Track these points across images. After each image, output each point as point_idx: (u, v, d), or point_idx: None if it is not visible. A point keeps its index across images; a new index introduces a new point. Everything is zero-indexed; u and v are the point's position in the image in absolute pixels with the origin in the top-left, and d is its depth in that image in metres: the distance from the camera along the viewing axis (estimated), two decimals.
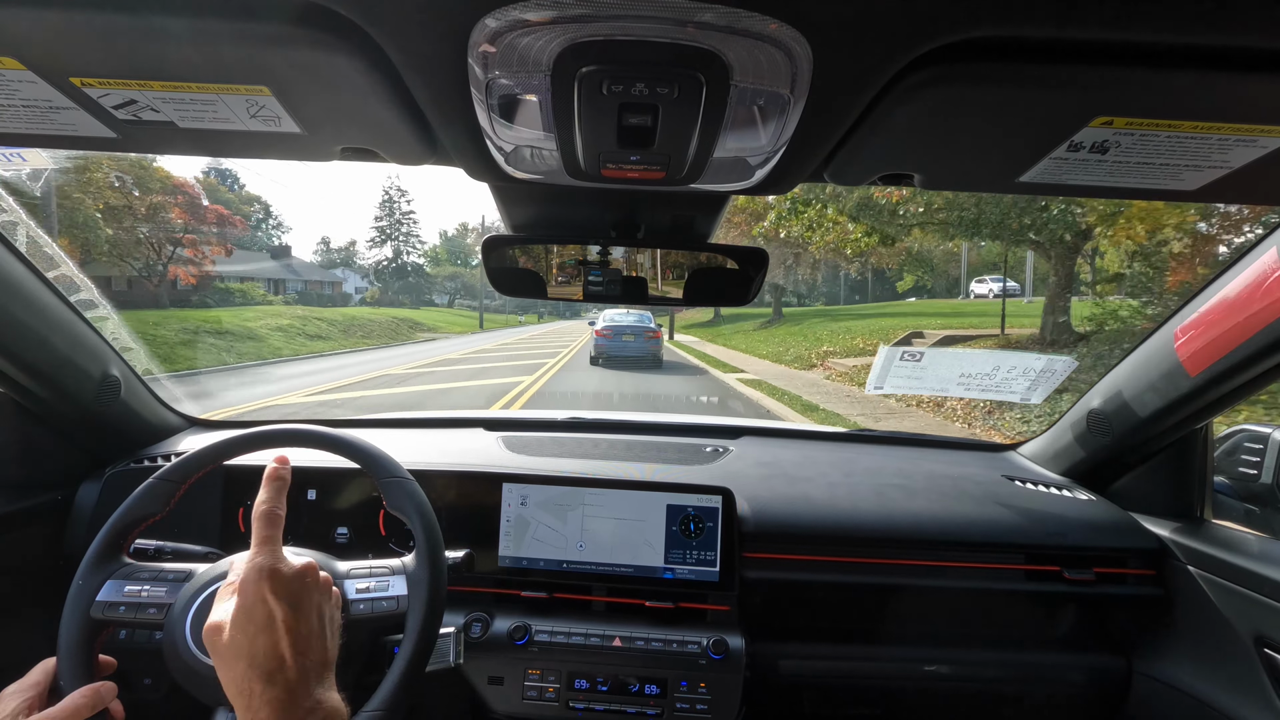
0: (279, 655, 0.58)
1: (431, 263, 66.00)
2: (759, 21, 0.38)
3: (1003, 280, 17.71)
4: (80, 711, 0.65)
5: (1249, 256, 0.90)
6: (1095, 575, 1.11)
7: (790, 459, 1.38)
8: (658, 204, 0.81)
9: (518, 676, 1.02)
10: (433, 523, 0.81)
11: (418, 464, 1.09)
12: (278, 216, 63.77)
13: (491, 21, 0.39)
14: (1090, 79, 0.43)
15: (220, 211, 23.31)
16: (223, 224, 23.06)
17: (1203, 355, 0.96)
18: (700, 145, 0.53)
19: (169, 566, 0.78)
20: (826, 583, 1.12)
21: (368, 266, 56.95)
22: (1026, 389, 1.35)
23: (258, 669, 0.57)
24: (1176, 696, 1.05)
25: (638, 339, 11.56)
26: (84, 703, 0.65)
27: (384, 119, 0.53)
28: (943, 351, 1.55)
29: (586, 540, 1.10)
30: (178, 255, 20.57)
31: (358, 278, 56.01)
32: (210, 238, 22.03)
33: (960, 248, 24.72)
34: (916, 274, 32.17)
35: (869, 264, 24.32)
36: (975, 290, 27.96)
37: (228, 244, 23.79)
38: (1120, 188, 0.59)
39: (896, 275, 34.30)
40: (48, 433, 1.15)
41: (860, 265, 23.95)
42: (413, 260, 56.49)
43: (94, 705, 0.66)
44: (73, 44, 0.44)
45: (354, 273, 56.64)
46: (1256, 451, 1.11)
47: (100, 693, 0.67)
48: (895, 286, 38.83)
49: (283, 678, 0.57)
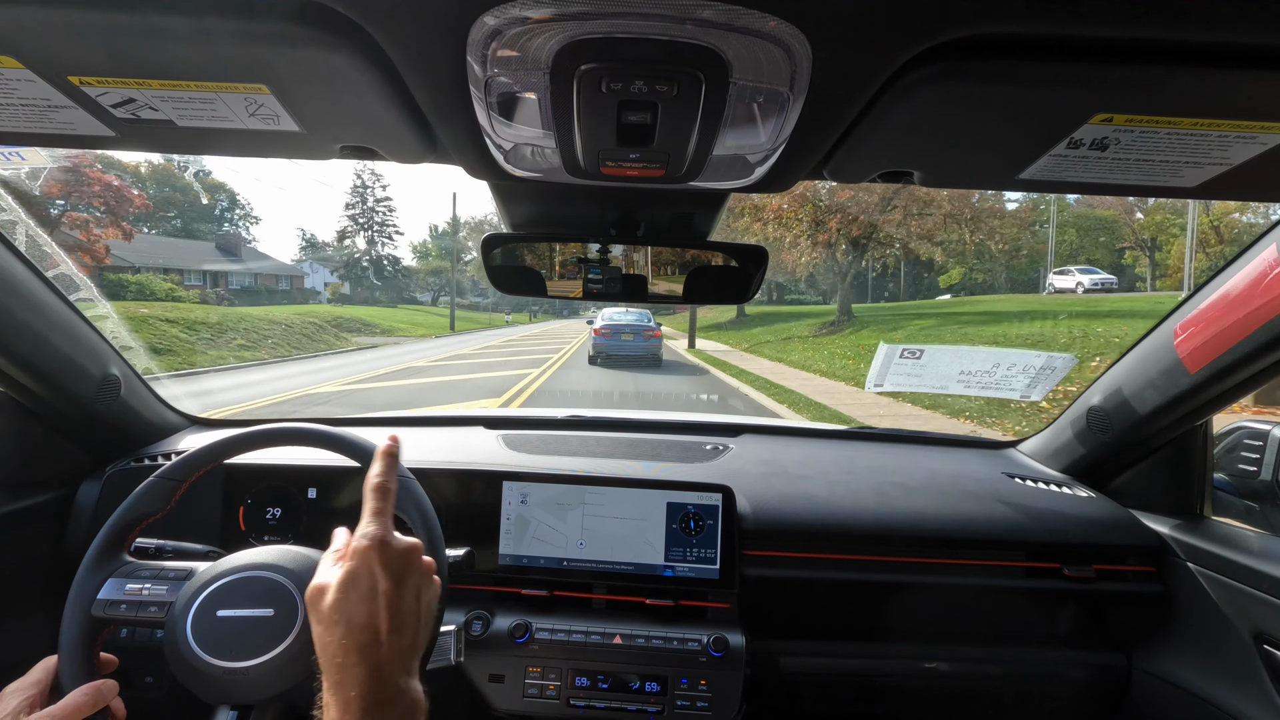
0: (375, 628, 0.58)
1: (420, 258, 62.24)
2: (758, 19, 0.38)
3: (1093, 271, 14.90)
4: (81, 709, 0.64)
5: (1248, 253, 0.90)
6: (1095, 572, 1.11)
7: (790, 457, 1.38)
8: (657, 202, 0.81)
9: (518, 674, 1.02)
10: (433, 521, 0.81)
11: (418, 462, 1.09)
12: (247, 206, 58.14)
13: (490, 19, 0.39)
14: (1090, 76, 0.43)
15: (109, 183, 18.37)
16: (117, 201, 18.60)
17: (1202, 352, 0.96)
18: (699, 143, 0.53)
19: (170, 565, 0.79)
20: (827, 580, 1.12)
21: (338, 260, 49.90)
22: (1026, 386, 1.35)
23: (354, 638, 0.57)
24: (1176, 693, 1.05)
25: (637, 338, 11.51)
26: (85, 700, 0.65)
27: (383, 117, 0.53)
28: (942, 349, 1.55)
29: (587, 538, 1.10)
30: (61, 235, 16.25)
31: (327, 272, 50.24)
32: (102, 217, 18.36)
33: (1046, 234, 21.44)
34: (967, 267, 28.77)
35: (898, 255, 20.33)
36: (1056, 284, 24.16)
37: (124, 225, 19.83)
38: (1120, 184, 0.59)
39: (940, 269, 30.45)
40: (48, 432, 1.15)
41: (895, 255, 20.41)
42: (389, 253, 50.47)
43: (95, 703, 0.66)
44: (71, 42, 0.43)
45: (324, 266, 50.82)
46: (1256, 448, 1.11)
47: (101, 690, 0.67)
48: (938, 281, 35.14)
49: (374, 655, 0.57)
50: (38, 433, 1.14)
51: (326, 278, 49.82)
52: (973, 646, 1.16)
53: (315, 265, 51.74)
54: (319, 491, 1.17)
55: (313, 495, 1.16)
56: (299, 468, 1.17)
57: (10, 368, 1.00)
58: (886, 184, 0.68)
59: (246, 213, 56.74)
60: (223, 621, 0.71)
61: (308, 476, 1.17)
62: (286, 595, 0.73)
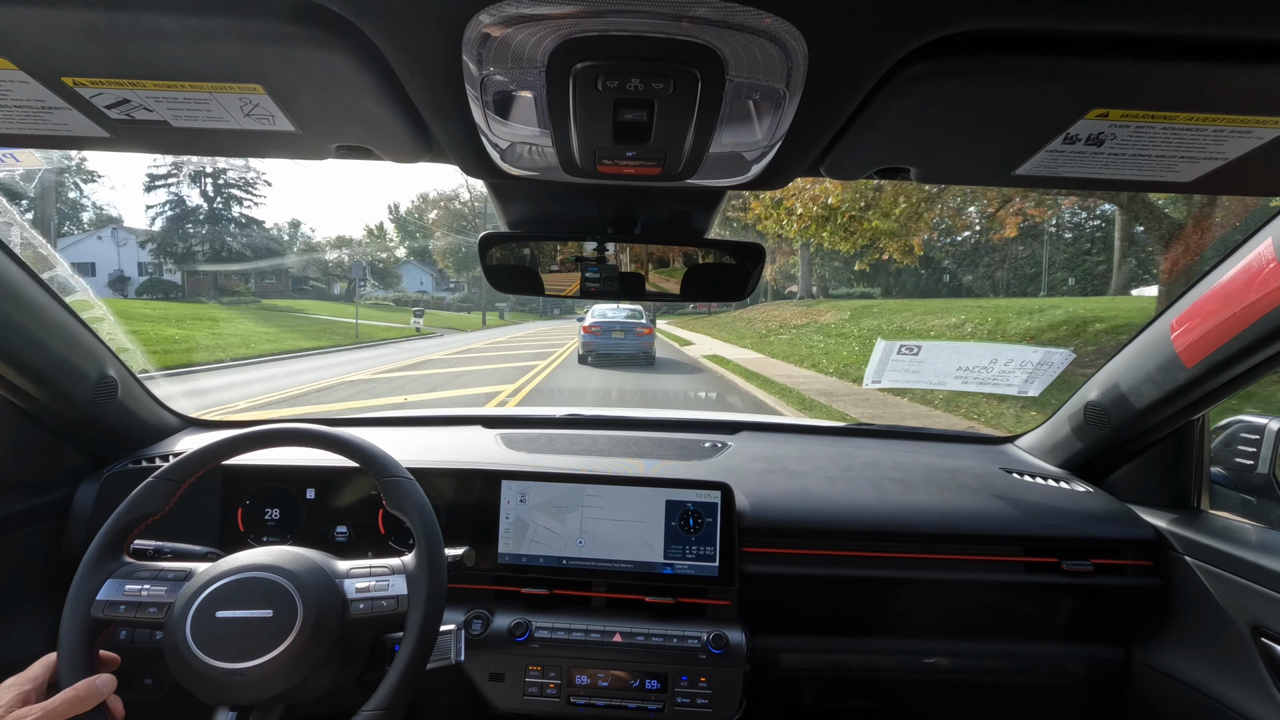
0: None
1: (377, 240, 51.26)
2: (754, 16, 0.38)
3: None
4: (77, 703, 0.65)
5: (1244, 248, 0.90)
6: (1093, 566, 1.11)
7: (788, 453, 1.38)
8: (654, 200, 0.81)
9: (518, 673, 1.02)
10: (432, 521, 0.81)
11: (416, 462, 1.09)
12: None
13: (485, 17, 0.39)
14: (1085, 71, 0.43)
15: None
16: None
17: (1199, 346, 0.96)
18: (696, 141, 0.53)
19: (169, 566, 0.78)
20: (826, 576, 1.13)
21: (156, 231, 32.14)
22: (1024, 382, 1.35)
23: None
24: (1174, 686, 1.06)
25: (628, 335, 11.32)
26: (80, 695, 0.65)
27: (378, 117, 0.53)
28: (940, 345, 1.55)
29: (586, 537, 1.10)
30: None
31: (141, 250, 31.68)
32: None
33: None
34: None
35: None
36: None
37: None
38: (1116, 180, 0.59)
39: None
40: (45, 434, 1.15)
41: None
42: (244, 215, 32.65)
43: (91, 697, 0.66)
44: (64, 43, 0.43)
45: (133, 236, 32.24)
46: (1253, 442, 1.12)
47: (97, 685, 0.67)
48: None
49: None
50: (35, 435, 1.13)
51: (141, 257, 32.30)
52: (971, 641, 1.16)
53: (122, 234, 32.86)
54: (317, 492, 1.17)
55: (311, 496, 1.16)
56: (297, 468, 1.17)
57: (7, 370, 1.00)
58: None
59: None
60: (222, 622, 0.71)
61: (306, 477, 1.17)
62: (285, 596, 0.73)
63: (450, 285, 50.84)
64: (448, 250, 45.16)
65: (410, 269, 51.25)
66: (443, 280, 51.04)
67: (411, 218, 53.10)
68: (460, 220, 49.27)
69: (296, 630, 0.70)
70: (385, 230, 54.73)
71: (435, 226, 50.80)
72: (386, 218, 56.88)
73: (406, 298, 41.10)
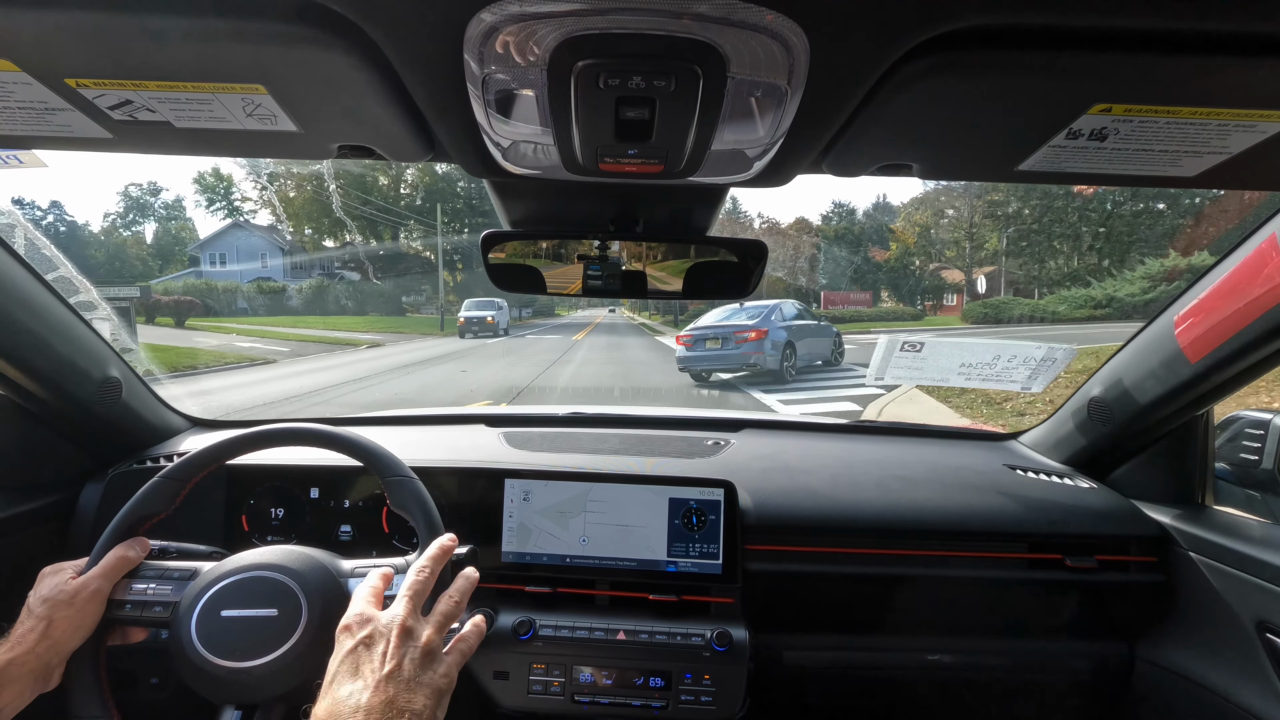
0: (359, 705, 0.59)
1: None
2: (755, 13, 0.38)
3: None
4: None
5: (1248, 243, 0.90)
6: (1097, 563, 1.11)
7: (791, 451, 1.38)
8: (656, 198, 0.81)
9: (523, 671, 1.02)
10: (436, 520, 0.81)
11: (420, 461, 1.10)
12: None
13: (487, 16, 0.39)
14: (1088, 66, 0.43)
15: None
16: None
17: (1203, 342, 0.96)
18: (698, 138, 0.53)
19: (174, 565, 0.79)
20: (829, 574, 1.13)
21: None
22: (1027, 378, 1.34)
23: (340, 708, 0.58)
24: (1179, 682, 1.06)
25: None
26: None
27: (380, 116, 0.53)
28: (943, 341, 1.54)
29: (589, 535, 1.11)
30: None
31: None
32: None
33: None
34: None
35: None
36: None
37: None
38: (1120, 175, 0.59)
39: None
40: (50, 434, 1.15)
41: None
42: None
43: (120, 568, 0.75)
44: (67, 45, 0.43)
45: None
46: (1257, 437, 1.11)
47: (127, 556, 0.77)
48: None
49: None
50: (39, 436, 1.14)
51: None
52: (975, 638, 1.16)
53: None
54: (321, 491, 1.17)
55: (315, 495, 1.17)
56: (301, 468, 1.18)
57: (11, 371, 1.00)
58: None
59: None
60: (227, 621, 0.71)
61: (310, 476, 1.17)
62: (290, 595, 0.73)
63: (324, 266, 30.59)
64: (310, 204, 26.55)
65: (241, 238, 30.95)
66: (300, 253, 30.75)
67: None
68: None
69: (301, 629, 0.71)
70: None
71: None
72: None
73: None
